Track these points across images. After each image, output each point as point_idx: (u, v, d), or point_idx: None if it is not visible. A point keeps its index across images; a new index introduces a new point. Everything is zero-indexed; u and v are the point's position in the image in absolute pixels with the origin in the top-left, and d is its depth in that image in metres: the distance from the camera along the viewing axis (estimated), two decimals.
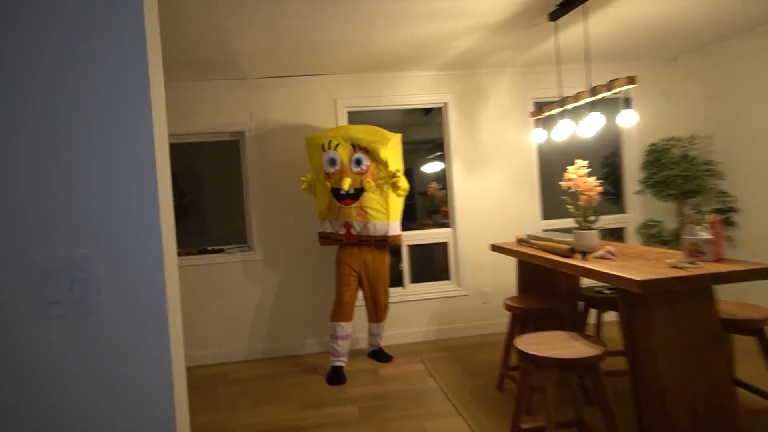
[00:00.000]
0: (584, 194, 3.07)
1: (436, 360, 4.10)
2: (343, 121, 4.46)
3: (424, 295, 4.64)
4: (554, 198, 4.80)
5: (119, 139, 1.00)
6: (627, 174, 4.80)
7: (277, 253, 4.43)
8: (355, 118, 4.57)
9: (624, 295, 2.49)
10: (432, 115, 5.97)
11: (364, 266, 3.93)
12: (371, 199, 3.74)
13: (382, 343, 4.33)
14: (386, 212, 3.76)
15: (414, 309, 4.62)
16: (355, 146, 3.75)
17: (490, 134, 4.65)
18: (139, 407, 1.02)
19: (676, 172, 4.37)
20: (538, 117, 3.58)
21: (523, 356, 2.41)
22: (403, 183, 3.77)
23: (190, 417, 3.37)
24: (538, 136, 3.63)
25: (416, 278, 4.72)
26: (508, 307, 3.24)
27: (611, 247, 2.87)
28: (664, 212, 4.74)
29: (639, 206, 4.76)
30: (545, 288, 3.66)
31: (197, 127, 4.30)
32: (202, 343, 4.37)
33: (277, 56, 3.81)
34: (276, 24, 3.13)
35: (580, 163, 3.09)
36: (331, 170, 3.78)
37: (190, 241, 5.14)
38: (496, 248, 3.78)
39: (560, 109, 3.26)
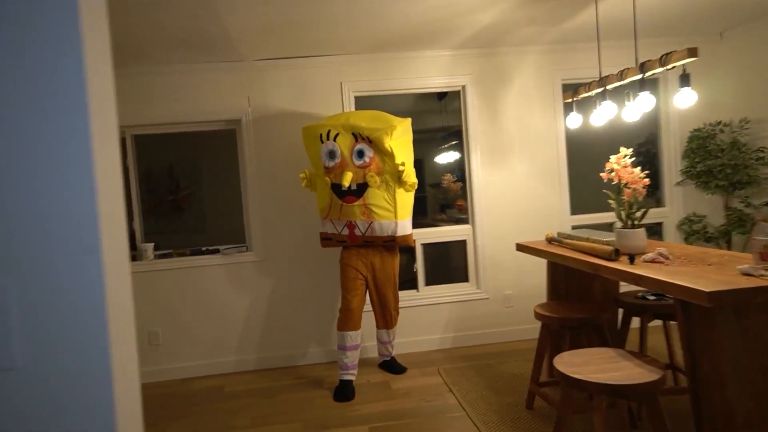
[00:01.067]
0: (628, 187, 2.74)
1: (454, 371, 3.80)
2: (350, 106, 4.14)
3: (440, 299, 4.34)
4: (583, 190, 4.47)
5: (41, 138, 0.73)
6: (665, 163, 4.45)
7: (277, 254, 4.14)
8: (364, 103, 4.25)
9: (684, 308, 2.17)
10: (446, 101, 5.63)
11: (371, 269, 3.63)
12: (376, 195, 3.41)
13: (394, 352, 4.02)
14: (393, 210, 3.43)
15: (429, 314, 4.32)
16: (357, 136, 3.38)
17: (513, 120, 4.31)
18: None
19: (724, 161, 4.02)
20: (574, 99, 3.24)
21: (566, 380, 2.10)
22: (410, 177, 3.42)
23: None
24: (572, 121, 3.29)
25: (431, 280, 4.42)
26: (539, 317, 2.93)
27: (663, 248, 2.55)
28: (708, 206, 4.39)
29: (679, 199, 4.42)
30: (579, 292, 3.35)
31: (188, 114, 4.00)
32: (196, 351, 4.10)
33: (276, 34, 3.49)
34: None
35: (624, 151, 2.76)
36: (331, 164, 3.43)
37: (187, 240, 4.88)
38: (522, 248, 3.47)
39: (600, 90, 2.92)
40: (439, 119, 6.85)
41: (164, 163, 5.24)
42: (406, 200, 3.52)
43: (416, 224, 3.97)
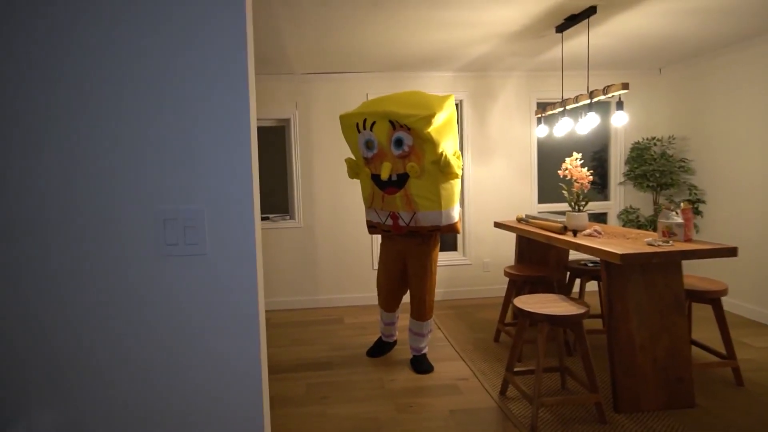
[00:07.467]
0: (577, 182, 3.14)
1: (443, 316, 4.24)
2: None
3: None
4: (549, 185, 4.85)
5: (224, 128, 1.09)
6: (613, 167, 4.83)
7: (315, 222, 4.56)
8: None
9: (607, 267, 2.59)
10: None
11: (405, 258, 3.09)
12: (418, 185, 2.74)
13: (425, 346, 3.18)
14: (437, 199, 2.75)
15: None
16: (395, 124, 2.69)
17: (498, 129, 4.68)
18: (234, 335, 1.10)
19: (655, 167, 4.39)
20: (542, 115, 3.62)
21: (520, 312, 2.53)
22: (453, 167, 2.71)
23: None
24: (540, 131, 3.67)
25: None
26: (507, 274, 3.35)
27: (597, 227, 2.95)
28: (642, 201, 4.78)
29: (621, 195, 4.81)
30: (538, 260, 3.76)
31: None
32: None
33: (323, 54, 3.85)
34: (325, 25, 3.16)
35: (575, 155, 3.15)
36: (369, 154, 2.85)
37: None
38: (498, 225, 3.87)
39: (561, 109, 3.30)
40: None
41: None
42: (449, 189, 2.83)
43: None
